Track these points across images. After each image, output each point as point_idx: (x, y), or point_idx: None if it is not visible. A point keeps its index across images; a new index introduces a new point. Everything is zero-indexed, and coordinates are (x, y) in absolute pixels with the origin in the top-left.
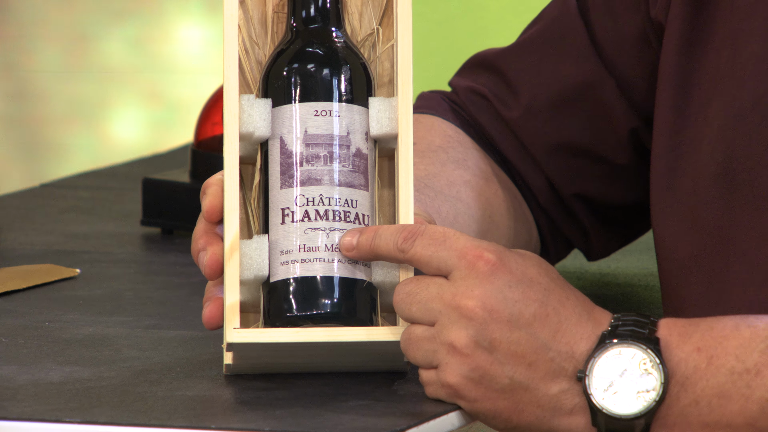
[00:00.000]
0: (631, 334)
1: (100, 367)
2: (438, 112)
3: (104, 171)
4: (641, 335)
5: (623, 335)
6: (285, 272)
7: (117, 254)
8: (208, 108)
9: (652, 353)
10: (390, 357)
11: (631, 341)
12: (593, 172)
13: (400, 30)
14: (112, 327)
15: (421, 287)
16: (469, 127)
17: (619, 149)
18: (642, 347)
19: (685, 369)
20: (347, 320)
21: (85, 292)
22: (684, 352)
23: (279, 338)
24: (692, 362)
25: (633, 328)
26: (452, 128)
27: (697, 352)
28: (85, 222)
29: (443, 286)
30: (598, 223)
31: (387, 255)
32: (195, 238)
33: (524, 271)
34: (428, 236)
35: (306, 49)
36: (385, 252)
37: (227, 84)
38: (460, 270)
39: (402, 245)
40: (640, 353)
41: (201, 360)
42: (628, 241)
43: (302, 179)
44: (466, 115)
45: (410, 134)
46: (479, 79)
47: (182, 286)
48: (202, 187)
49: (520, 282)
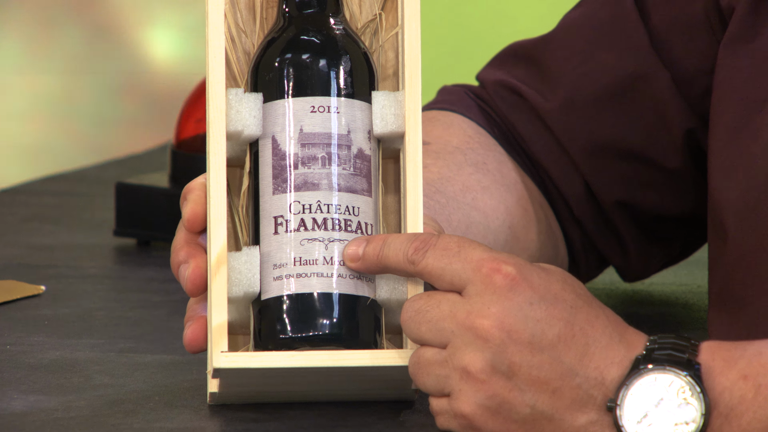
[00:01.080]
0: (668, 358)
1: (68, 395)
2: (459, 109)
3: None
4: (680, 360)
5: (659, 360)
6: (278, 288)
7: (87, 269)
8: (191, 103)
9: (692, 380)
10: (396, 384)
11: (668, 367)
12: (640, 177)
13: (407, 15)
14: (81, 351)
15: (432, 304)
16: (496, 126)
17: (671, 152)
18: (681, 374)
19: (730, 399)
20: (348, 342)
21: (51, 311)
22: (729, 380)
23: (271, 363)
24: (738, 391)
25: (671, 352)
26: (473, 127)
27: (744, 380)
28: (51, 232)
29: (456, 304)
30: (640, 237)
31: (396, 267)
32: (175, 249)
33: (547, 286)
34: (441, 247)
35: (300, 38)
36: (394, 263)
37: (212, 77)
38: (476, 285)
39: (413, 256)
40: (678, 380)
41: (182, 388)
42: (671, 262)
43: (297, 184)
44: (494, 112)
45: (419, 133)
46: (513, 71)
47: (161, 304)
48: (183, 193)
49: (543, 299)
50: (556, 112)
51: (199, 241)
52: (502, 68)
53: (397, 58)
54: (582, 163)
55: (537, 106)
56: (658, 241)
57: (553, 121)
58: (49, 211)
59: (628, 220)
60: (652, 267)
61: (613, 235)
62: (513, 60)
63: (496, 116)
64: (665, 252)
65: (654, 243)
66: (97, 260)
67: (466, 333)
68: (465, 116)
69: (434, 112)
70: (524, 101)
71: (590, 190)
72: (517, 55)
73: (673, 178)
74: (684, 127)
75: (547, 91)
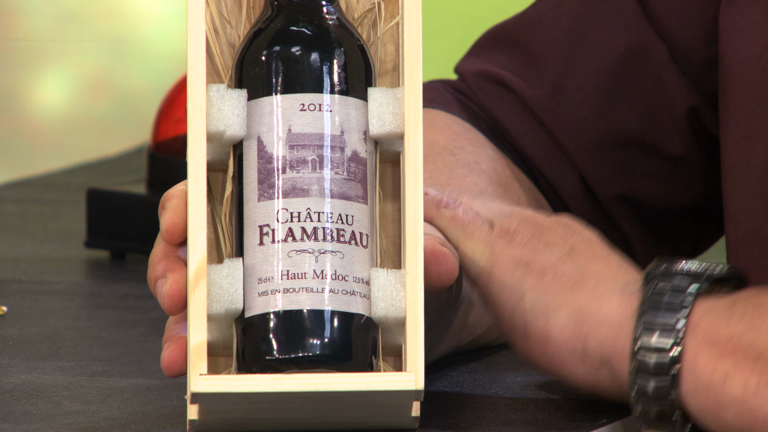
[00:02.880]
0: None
1: (35, 423)
2: (440, 105)
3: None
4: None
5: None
6: (264, 305)
7: (55, 284)
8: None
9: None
10: (394, 411)
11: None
12: (641, 166)
13: (407, 4)
14: (49, 374)
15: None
16: (482, 121)
17: (674, 135)
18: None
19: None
20: (341, 365)
21: (15, 331)
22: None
23: (255, 387)
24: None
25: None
26: (458, 123)
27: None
28: (14, 243)
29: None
30: (644, 233)
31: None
32: (152, 263)
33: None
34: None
35: (290, 28)
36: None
37: (192, 71)
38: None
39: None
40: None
41: (160, 415)
42: None
43: (285, 189)
44: (476, 106)
45: (419, 134)
46: (495, 58)
47: (137, 323)
48: (162, 201)
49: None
50: (545, 98)
51: (179, 254)
52: (482, 56)
53: (397, 52)
54: (576, 155)
55: (523, 94)
56: (666, 238)
57: (542, 110)
58: (12, 221)
59: (630, 215)
60: None
61: (616, 233)
62: (494, 46)
63: (480, 111)
64: (675, 250)
65: (661, 240)
66: (66, 275)
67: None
68: (446, 112)
69: None
70: (509, 91)
71: (587, 185)
72: (498, 39)
73: (677, 166)
74: (686, 106)
75: (533, 77)
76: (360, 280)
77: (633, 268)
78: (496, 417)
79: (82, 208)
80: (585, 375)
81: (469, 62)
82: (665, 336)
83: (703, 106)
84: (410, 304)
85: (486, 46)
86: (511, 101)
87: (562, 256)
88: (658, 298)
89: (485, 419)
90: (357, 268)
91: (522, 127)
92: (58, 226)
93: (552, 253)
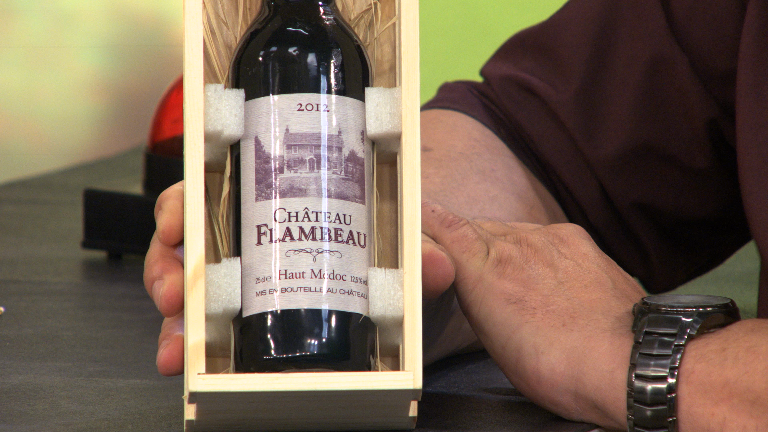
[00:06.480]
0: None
1: (32, 424)
2: (463, 107)
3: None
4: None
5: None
6: (261, 305)
7: (53, 284)
8: (166, 102)
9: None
10: (392, 411)
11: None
12: (660, 175)
13: (404, 4)
14: (47, 374)
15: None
16: (503, 127)
17: (694, 146)
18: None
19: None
20: (339, 364)
21: (13, 331)
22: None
23: (253, 386)
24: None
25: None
26: (479, 129)
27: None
28: (12, 244)
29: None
30: (661, 243)
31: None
32: (149, 264)
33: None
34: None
35: (286, 29)
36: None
37: (189, 72)
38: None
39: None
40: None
41: (157, 415)
42: (699, 271)
43: (282, 189)
44: (500, 111)
45: (417, 134)
46: (521, 63)
47: (134, 323)
48: (158, 201)
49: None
50: (570, 103)
51: (176, 255)
52: (508, 60)
53: (394, 52)
54: (596, 162)
55: (549, 98)
56: (683, 247)
57: (566, 115)
58: (10, 221)
59: (647, 224)
60: (678, 277)
61: (633, 243)
62: (520, 50)
63: (503, 116)
64: (691, 259)
65: (678, 250)
66: (63, 275)
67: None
68: (469, 115)
69: (435, 112)
70: (534, 97)
71: (606, 195)
72: (524, 44)
73: (696, 176)
74: (705, 117)
75: (559, 82)
76: (358, 280)
77: (629, 287)
78: (493, 418)
79: (79, 209)
80: (578, 413)
81: (496, 66)
82: (659, 383)
83: (721, 117)
84: (408, 304)
85: (512, 51)
86: (536, 107)
87: (555, 287)
88: (649, 347)
89: (482, 420)
90: (355, 268)
91: (544, 134)
92: (56, 226)
93: (544, 286)
